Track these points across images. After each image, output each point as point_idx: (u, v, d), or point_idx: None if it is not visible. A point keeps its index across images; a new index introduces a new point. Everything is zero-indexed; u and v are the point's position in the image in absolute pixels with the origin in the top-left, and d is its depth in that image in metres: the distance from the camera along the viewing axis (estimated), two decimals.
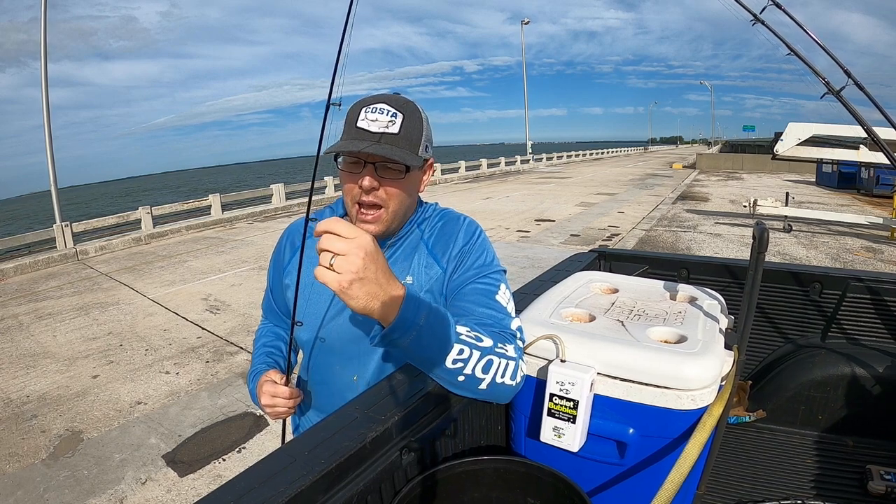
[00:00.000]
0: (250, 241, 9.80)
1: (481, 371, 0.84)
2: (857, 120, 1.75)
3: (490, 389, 0.86)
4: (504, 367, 0.87)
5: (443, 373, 0.82)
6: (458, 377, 0.83)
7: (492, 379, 0.85)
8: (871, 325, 1.53)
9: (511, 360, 0.88)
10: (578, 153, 40.60)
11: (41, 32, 10.43)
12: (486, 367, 0.84)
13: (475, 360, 0.83)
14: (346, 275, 0.68)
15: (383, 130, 0.89)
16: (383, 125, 0.89)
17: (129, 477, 2.74)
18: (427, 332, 0.77)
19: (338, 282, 0.68)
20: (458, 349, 0.81)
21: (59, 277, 7.91)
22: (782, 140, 6.73)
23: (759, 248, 0.93)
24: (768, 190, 14.28)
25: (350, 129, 0.91)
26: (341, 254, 0.68)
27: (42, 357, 4.57)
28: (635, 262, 1.77)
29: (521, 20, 33.74)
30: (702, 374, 0.90)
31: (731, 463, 1.49)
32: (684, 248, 7.46)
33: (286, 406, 0.99)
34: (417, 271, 1.01)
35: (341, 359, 1.04)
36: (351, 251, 0.68)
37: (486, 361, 0.84)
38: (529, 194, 15.27)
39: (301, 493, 0.65)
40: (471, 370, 0.83)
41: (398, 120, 0.90)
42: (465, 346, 0.82)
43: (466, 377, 0.83)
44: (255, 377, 1.08)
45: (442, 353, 0.80)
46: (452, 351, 0.81)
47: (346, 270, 0.68)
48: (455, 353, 0.81)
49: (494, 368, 0.86)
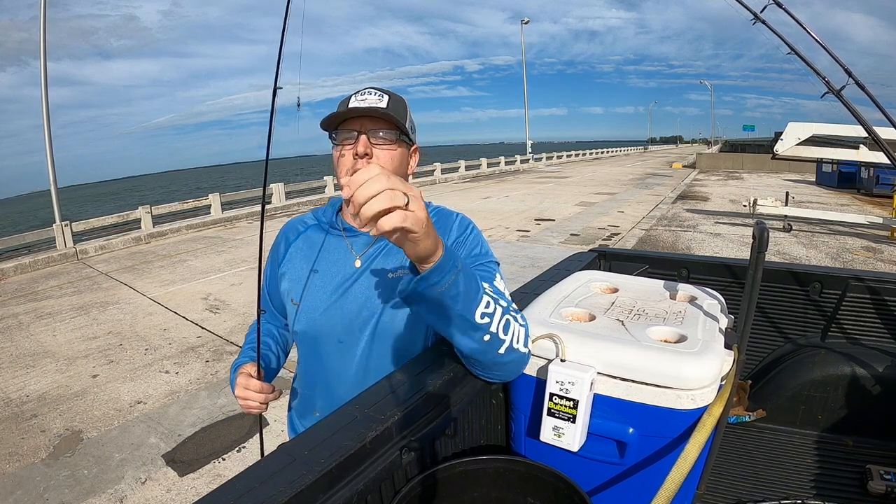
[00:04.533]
0: (250, 240, 9.80)
1: (503, 331, 0.82)
2: (858, 119, 1.74)
3: (507, 356, 0.85)
4: (518, 332, 0.87)
5: (469, 331, 0.80)
6: (483, 336, 0.81)
7: (510, 343, 0.84)
8: (870, 325, 1.53)
9: (523, 326, 0.88)
10: (578, 153, 40.58)
11: (41, 31, 10.42)
12: (506, 328, 0.83)
13: (498, 317, 0.81)
14: (423, 211, 0.66)
15: (373, 105, 0.98)
16: (373, 102, 0.99)
17: (129, 476, 2.74)
18: (462, 279, 0.75)
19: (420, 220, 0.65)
20: (486, 301, 0.79)
21: (58, 277, 7.91)
22: (782, 140, 6.72)
23: (759, 247, 0.93)
24: (768, 189, 14.28)
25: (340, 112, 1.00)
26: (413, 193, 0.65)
27: (42, 357, 4.57)
28: (635, 262, 1.77)
29: (522, 20, 33.72)
30: (702, 374, 0.90)
31: (731, 462, 1.49)
32: (684, 248, 7.46)
33: (256, 401, 1.02)
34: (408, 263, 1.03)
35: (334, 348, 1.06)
36: (417, 193, 0.66)
37: (505, 321, 0.83)
38: (529, 194, 15.27)
39: (301, 492, 0.65)
40: (495, 328, 0.81)
41: (385, 99, 1.00)
42: (491, 299, 0.80)
43: (491, 336, 0.81)
44: (235, 370, 1.11)
45: (473, 304, 0.78)
46: (481, 303, 0.79)
47: (421, 208, 0.66)
48: (483, 306, 0.79)
49: (512, 331, 0.84)
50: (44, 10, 10.44)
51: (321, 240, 1.10)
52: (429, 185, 18.67)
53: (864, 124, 1.77)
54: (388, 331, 1.02)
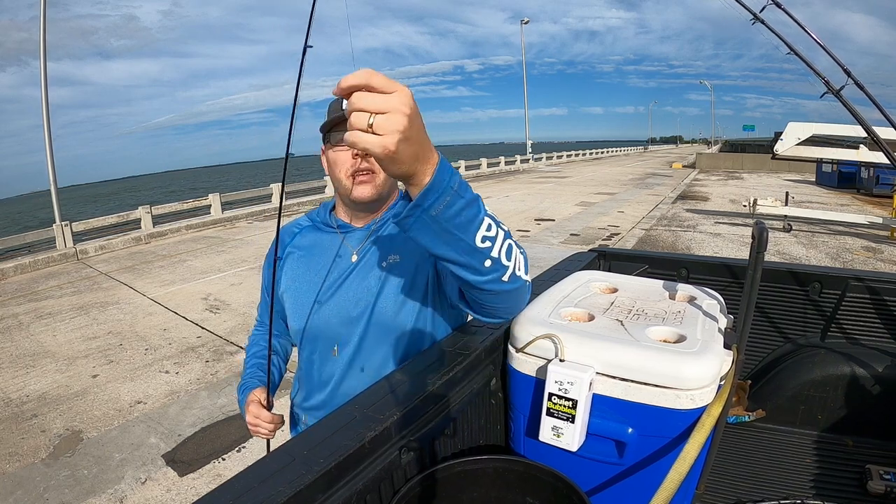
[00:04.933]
0: (250, 240, 9.80)
1: (505, 257, 0.76)
2: (857, 119, 1.75)
3: (510, 283, 0.79)
4: (520, 259, 0.80)
5: (471, 255, 0.73)
6: (485, 261, 0.74)
7: (513, 269, 0.78)
8: (870, 325, 1.53)
9: (522, 254, 0.82)
10: (578, 153, 40.57)
11: (41, 31, 10.43)
12: (509, 253, 0.77)
13: (500, 240, 0.75)
14: (391, 135, 0.58)
15: None
16: None
17: (129, 476, 2.74)
18: (459, 197, 0.68)
19: (382, 145, 0.58)
20: (487, 224, 0.72)
21: (58, 277, 7.91)
22: (782, 140, 6.72)
23: (759, 247, 0.93)
24: (768, 189, 14.28)
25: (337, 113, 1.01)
26: (382, 111, 0.58)
27: (42, 357, 4.57)
28: (635, 262, 1.77)
29: (521, 20, 33.71)
30: (701, 374, 0.91)
31: (731, 462, 1.49)
32: (684, 248, 7.46)
33: (267, 429, 1.07)
34: (401, 248, 1.06)
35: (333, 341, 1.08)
36: (394, 107, 0.58)
37: (507, 246, 0.76)
38: (529, 194, 15.27)
39: (300, 492, 0.65)
40: (497, 252, 0.74)
41: None
42: (492, 221, 0.74)
43: (493, 262, 0.74)
44: (245, 391, 1.14)
45: (473, 225, 0.70)
46: (482, 226, 0.71)
47: (390, 130, 0.58)
48: (484, 229, 0.72)
49: (514, 256, 0.78)
50: (44, 10, 10.45)
51: (316, 239, 1.13)
52: None
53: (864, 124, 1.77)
54: (385, 318, 1.04)
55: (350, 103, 0.58)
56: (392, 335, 1.05)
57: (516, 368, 1.05)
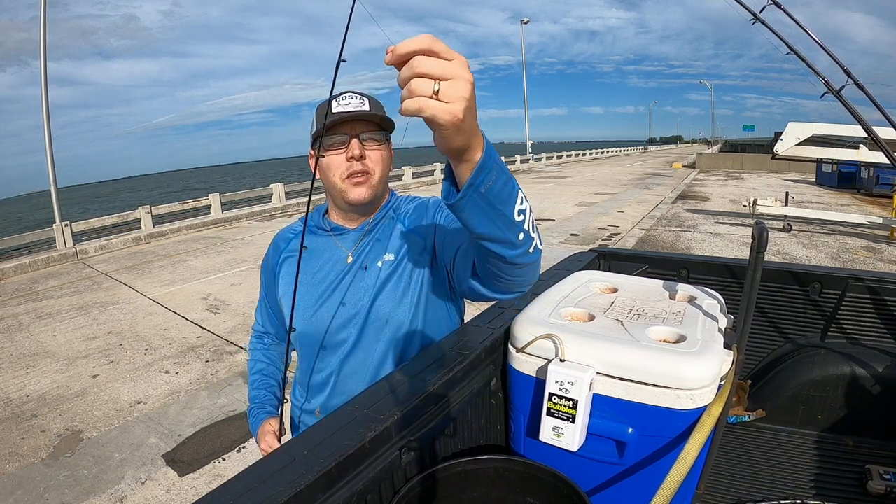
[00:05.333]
0: (250, 240, 9.80)
1: (532, 228, 0.75)
2: (857, 119, 1.75)
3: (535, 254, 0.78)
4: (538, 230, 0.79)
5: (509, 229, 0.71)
6: (519, 234, 0.72)
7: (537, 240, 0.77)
8: (870, 325, 1.53)
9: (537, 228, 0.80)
10: (578, 153, 40.56)
11: (41, 31, 10.43)
12: (534, 225, 0.76)
13: (528, 212, 0.73)
14: (458, 102, 0.54)
15: (358, 109, 1.01)
16: (357, 106, 1.01)
17: (129, 476, 2.74)
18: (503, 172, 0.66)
19: (451, 112, 0.54)
20: (521, 197, 0.71)
21: (58, 277, 7.91)
22: (782, 140, 6.72)
23: (759, 247, 0.93)
24: (768, 189, 14.28)
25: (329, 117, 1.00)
26: (447, 77, 0.53)
27: (42, 357, 4.57)
28: (635, 262, 1.77)
29: (521, 20, 33.71)
30: (701, 374, 0.91)
31: (731, 462, 1.49)
32: (684, 248, 7.46)
33: None
34: (396, 247, 1.07)
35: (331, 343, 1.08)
36: (458, 73, 0.54)
37: (532, 218, 0.75)
38: (529, 194, 15.12)
39: (300, 492, 0.65)
40: (528, 225, 0.73)
41: (366, 102, 1.03)
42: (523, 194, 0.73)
43: (525, 234, 0.73)
44: (256, 415, 1.17)
45: (512, 198, 0.69)
46: (518, 198, 0.70)
47: (457, 97, 0.54)
48: (519, 202, 0.71)
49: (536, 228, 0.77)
50: (44, 10, 10.45)
51: (311, 243, 1.13)
52: (429, 185, 18.66)
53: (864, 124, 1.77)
54: (382, 317, 1.04)
55: (412, 67, 0.53)
56: (390, 334, 1.05)
57: (516, 368, 1.05)
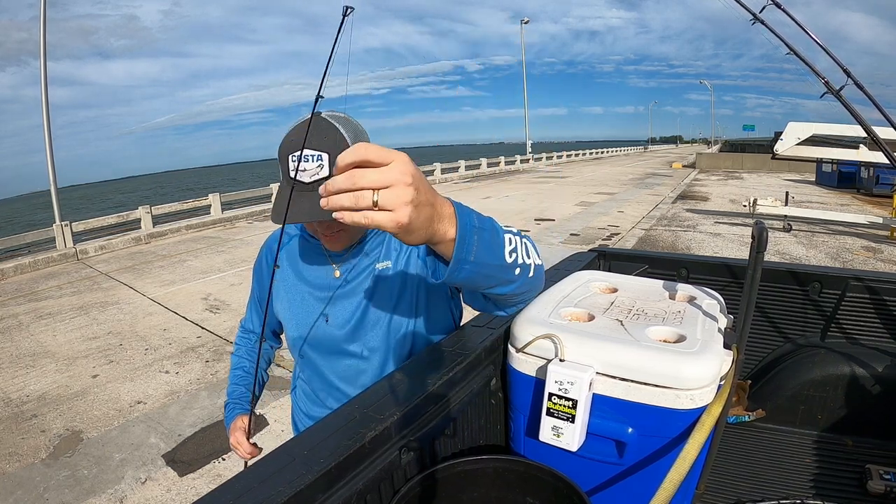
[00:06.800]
0: (250, 240, 9.80)
1: (527, 256, 0.79)
2: (857, 119, 1.75)
3: (536, 273, 0.81)
4: (533, 247, 0.83)
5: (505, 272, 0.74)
6: (515, 270, 0.76)
7: (533, 261, 0.81)
8: (870, 325, 1.53)
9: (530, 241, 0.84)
10: (578, 153, 40.55)
11: (41, 31, 10.42)
12: (527, 251, 0.79)
13: (520, 246, 0.77)
14: (401, 209, 0.53)
15: (314, 178, 0.88)
16: (313, 173, 0.88)
17: (129, 476, 2.74)
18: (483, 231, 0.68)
19: (395, 221, 0.54)
20: (509, 238, 0.74)
21: (58, 277, 7.91)
22: (782, 139, 6.72)
23: (759, 247, 0.93)
24: (768, 189, 14.27)
25: (286, 177, 0.92)
26: (384, 186, 0.53)
27: (42, 357, 4.57)
28: (635, 262, 1.77)
29: (522, 19, 33.71)
30: (701, 374, 0.91)
31: (731, 462, 1.49)
32: (684, 248, 7.46)
33: (242, 454, 1.14)
34: (391, 254, 1.05)
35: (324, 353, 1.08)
36: (396, 179, 0.53)
37: (524, 246, 0.79)
38: (529, 194, 15.26)
39: (300, 492, 0.65)
40: (522, 259, 0.77)
41: (325, 161, 0.88)
42: (509, 234, 0.76)
43: (521, 267, 0.77)
44: (231, 410, 1.20)
45: (499, 248, 0.72)
46: (506, 243, 0.73)
47: (398, 204, 0.53)
48: (508, 245, 0.74)
49: (531, 250, 0.81)
50: (44, 10, 10.44)
51: (304, 249, 1.12)
52: None
53: (863, 124, 1.77)
54: (380, 323, 1.04)
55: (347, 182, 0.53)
56: (388, 336, 1.05)
57: (516, 368, 1.05)
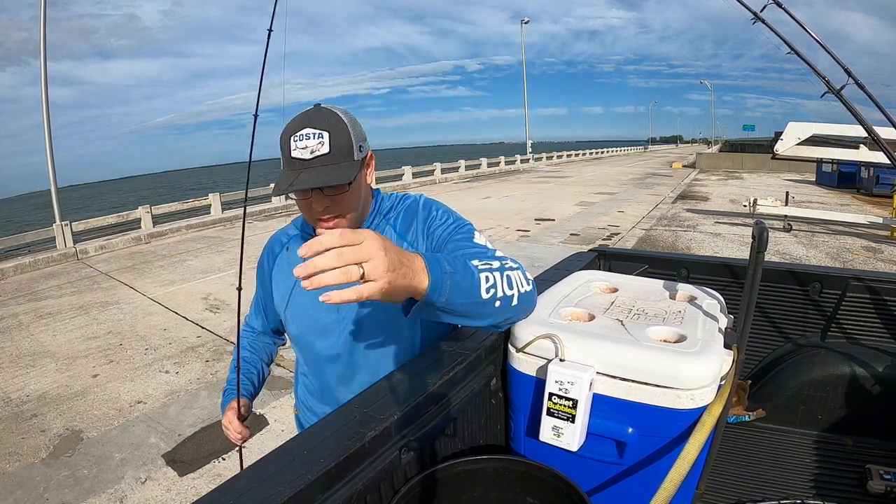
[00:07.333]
0: (250, 240, 9.67)
1: (508, 288, 0.85)
2: (858, 119, 1.75)
3: (520, 303, 0.88)
4: (520, 277, 0.89)
5: (483, 308, 0.82)
6: (495, 304, 0.83)
7: (518, 291, 0.87)
8: (870, 325, 1.53)
9: (518, 269, 0.91)
10: (578, 152, 40.55)
11: (41, 31, 10.42)
12: (510, 283, 0.86)
13: (499, 280, 0.84)
14: (382, 277, 0.63)
15: (315, 154, 0.91)
16: (314, 149, 0.91)
17: (129, 476, 2.74)
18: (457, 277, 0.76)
19: (381, 288, 0.63)
20: (485, 277, 0.82)
21: (58, 277, 7.91)
22: (782, 139, 6.72)
23: (759, 247, 0.93)
24: (768, 189, 14.27)
25: (286, 160, 0.93)
26: (364, 260, 0.62)
27: (42, 356, 4.57)
28: (635, 262, 1.77)
29: (522, 19, 33.71)
30: (701, 374, 0.90)
31: (731, 462, 1.49)
32: (684, 248, 7.46)
33: (234, 437, 1.16)
34: None
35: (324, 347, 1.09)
36: (374, 252, 0.62)
37: (506, 278, 0.86)
38: (529, 193, 15.26)
39: (300, 492, 0.65)
40: (502, 292, 0.84)
41: (326, 138, 0.91)
42: (486, 272, 0.83)
43: (501, 300, 0.84)
44: (229, 394, 1.21)
45: (475, 289, 0.80)
46: (482, 282, 0.81)
47: (380, 273, 0.63)
48: (484, 283, 0.81)
49: (515, 281, 0.87)
50: (44, 10, 10.44)
51: None
52: (429, 185, 18.65)
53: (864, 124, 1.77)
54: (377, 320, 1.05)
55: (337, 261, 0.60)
56: (388, 335, 1.05)
57: (517, 368, 1.05)
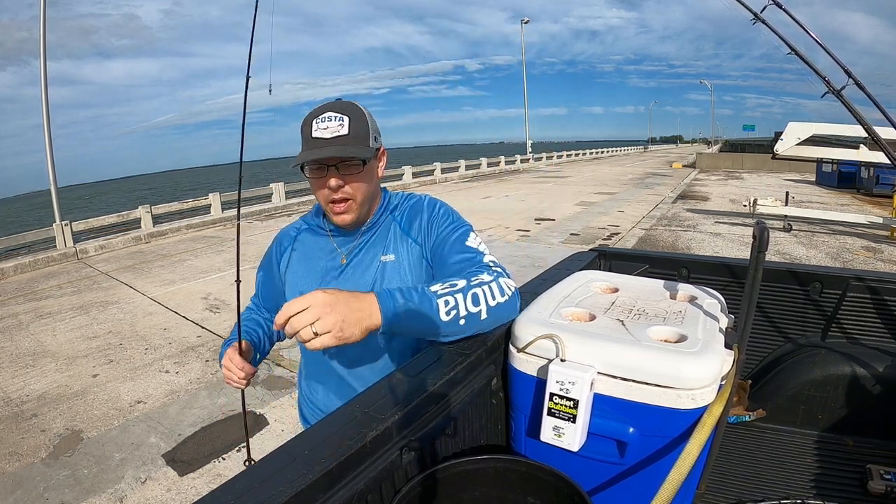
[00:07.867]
0: (250, 240, 9.80)
1: (472, 306, 0.93)
2: (858, 119, 1.75)
3: (491, 316, 0.95)
4: (489, 291, 0.96)
5: (445, 327, 0.91)
6: (459, 322, 0.91)
7: (486, 306, 0.94)
8: (871, 325, 1.53)
9: (490, 283, 0.97)
10: (578, 152, 40.55)
11: (41, 30, 10.41)
12: (475, 300, 0.93)
13: (462, 301, 0.92)
14: (335, 328, 0.78)
15: (335, 134, 1.00)
16: (334, 130, 1.00)
17: (129, 476, 2.74)
18: (411, 305, 0.87)
19: (334, 338, 0.79)
20: (444, 301, 0.90)
21: (58, 276, 7.91)
22: (782, 139, 6.72)
23: (759, 247, 0.93)
24: (768, 189, 14.27)
25: (307, 141, 1.02)
26: (314, 320, 0.77)
27: (42, 356, 4.57)
28: (635, 262, 1.77)
29: (522, 19, 33.70)
30: (702, 374, 0.90)
31: (732, 462, 1.49)
32: (684, 248, 7.46)
33: (236, 375, 1.11)
34: (396, 248, 1.11)
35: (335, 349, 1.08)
36: (318, 313, 0.78)
37: (471, 296, 0.93)
38: (529, 193, 15.26)
39: (301, 492, 0.65)
40: (465, 311, 0.92)
41: (346, 122, 1.00)
42: (447, 296, 0.91)
43: (466, 318, 0.92)
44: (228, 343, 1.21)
45: (433, 314, 0.89)
46: (440, 307, 0.89)
47: (330, 326, 0.78)
48: (443, 307, 0.90)
49: (482, 297, 0.94)
50: (44, 10, 10.43)
51: (311, 242, 1.17)
52: (429, 185, 18.65)
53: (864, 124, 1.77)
54: None
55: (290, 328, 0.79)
56: (388, 336, 1.06)
57: (517, 368, 1.05)
